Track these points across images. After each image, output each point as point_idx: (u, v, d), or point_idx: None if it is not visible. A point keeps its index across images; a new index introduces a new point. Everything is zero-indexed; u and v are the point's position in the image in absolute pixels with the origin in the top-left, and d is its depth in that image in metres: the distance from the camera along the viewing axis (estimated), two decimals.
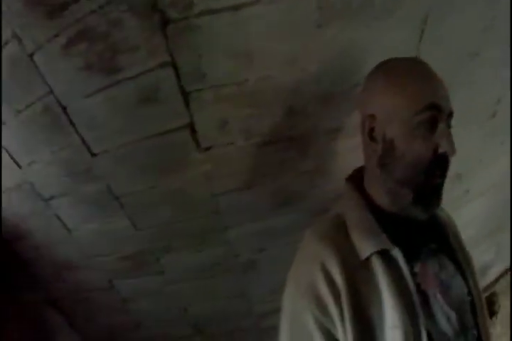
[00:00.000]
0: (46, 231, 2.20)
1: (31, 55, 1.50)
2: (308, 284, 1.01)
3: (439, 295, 1.03)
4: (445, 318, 1.01)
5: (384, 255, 1.00)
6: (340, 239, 1.07)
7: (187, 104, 1.44)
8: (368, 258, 1.01)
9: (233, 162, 1.63)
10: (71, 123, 1.63)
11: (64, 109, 1.60)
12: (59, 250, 2.28)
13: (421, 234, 1.11)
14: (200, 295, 2.35)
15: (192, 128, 1.50)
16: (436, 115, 0.98)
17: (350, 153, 1.64)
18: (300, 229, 1.23)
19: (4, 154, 1.99)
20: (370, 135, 1.09)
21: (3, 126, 1.87)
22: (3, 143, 1.95)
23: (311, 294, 1.00)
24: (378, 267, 0.99)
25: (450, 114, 1.02)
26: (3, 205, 2.30)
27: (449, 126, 1.02)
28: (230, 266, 2.16)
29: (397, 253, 0.99)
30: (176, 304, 2.42)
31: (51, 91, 1.58)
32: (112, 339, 2.93)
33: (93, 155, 1.68)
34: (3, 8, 1.41)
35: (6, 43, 1.51)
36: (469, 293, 1.11)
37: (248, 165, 1.66)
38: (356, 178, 1.25)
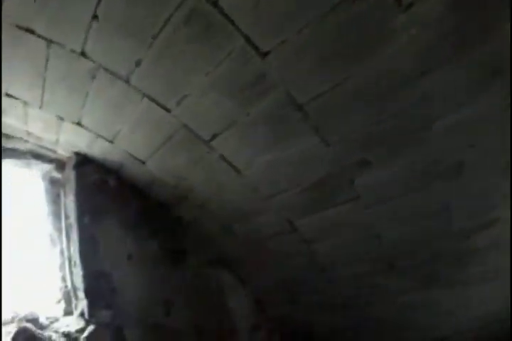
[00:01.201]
0: (211, 180, 1.94)
1: None
2: None
3: None
4: None
5: None
6: None
7: None
8: None
9: (438, 21, 1.20)
10: (229, 20, 1.27)
11: (214, 4, 1.24)
12: (227, 200, 2.02)
13: None
14: (397, 217, 1.99)
15: None
16: None
17: None
18: None
19: (146, 103, 1.73)
20: None
21: (137, 69, 1.59)
22: (143, 91, 1.69)
23: None
24: None
25: None
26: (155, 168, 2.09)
27: None
28: (432, 174, 1.75)
29: None
30: (368, 233, 2.08)
31: None
32: (292, 289, 2.69)
33: (264, 55, 1.33)
34: None
35: None
36: None
37: (455, 25, 1.21)
38: None
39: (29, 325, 1.84)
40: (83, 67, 1.72)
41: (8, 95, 2.00)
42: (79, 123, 2.11)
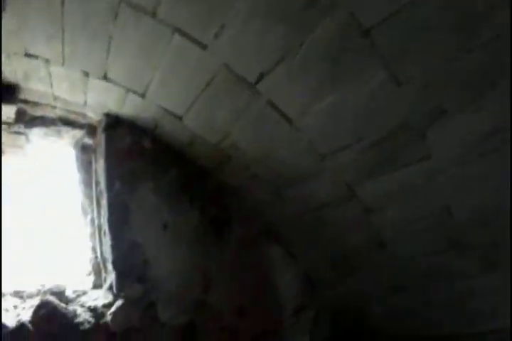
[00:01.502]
0: (257, 135, 1.67)
1: None
2: None
3: None
4: None
5: None
6: None
7: None
8: None
9: None
10: None
11: None
12: (277, 160, 1.75)
13: None
14: (473, 185, 1.62)
15: None
16: None
17: None
18: None
19: (178, 40, 1.46)
20: None
21: None
22: (173, 25, 1.43)
23: None
24: None
25: None
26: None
27: None
28: None
29: None
30: (437, 205, 1.74)
31: None
32: (346, 266, 2.41)
33: None
34: None
35: None
36: None
37: None
38: None
39: (52, 298, 1.68)
40: (103, 5, 1.48)
41: (28, 55, 1.82)
42: (105, 77, 1.90)
